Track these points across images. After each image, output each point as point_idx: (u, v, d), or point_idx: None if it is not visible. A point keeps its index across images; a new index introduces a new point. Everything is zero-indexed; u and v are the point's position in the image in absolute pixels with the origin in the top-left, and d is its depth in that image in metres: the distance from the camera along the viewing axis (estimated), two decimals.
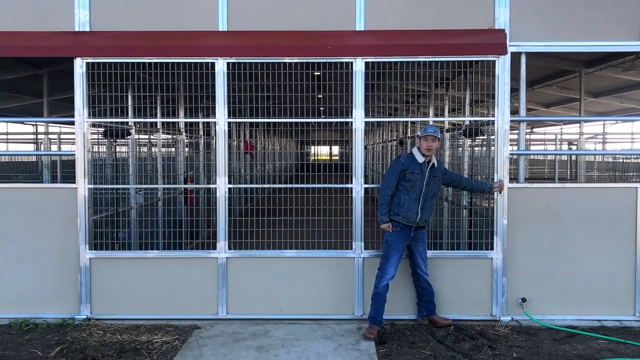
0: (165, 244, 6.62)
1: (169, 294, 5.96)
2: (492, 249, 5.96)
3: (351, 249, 6.00)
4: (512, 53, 5.87)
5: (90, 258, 5.94)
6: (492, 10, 5.88)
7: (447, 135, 8.45)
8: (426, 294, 5.76)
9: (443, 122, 8.61)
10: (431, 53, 5.94)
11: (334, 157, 47.55)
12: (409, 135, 12.86)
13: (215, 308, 5.96)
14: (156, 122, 8.77)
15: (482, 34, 5.90)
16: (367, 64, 5.87)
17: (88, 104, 5.91)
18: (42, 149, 12.27)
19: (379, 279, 5.55)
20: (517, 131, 6.39)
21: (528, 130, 18.24)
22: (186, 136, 9.96)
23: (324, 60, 5.95)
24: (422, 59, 5.93)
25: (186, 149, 9.85)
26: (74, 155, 5.97)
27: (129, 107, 7.38)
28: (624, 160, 13.09)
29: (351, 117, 5.94)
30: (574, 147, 14.25)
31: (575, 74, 10.23)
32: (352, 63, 5.87)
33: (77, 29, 5.91)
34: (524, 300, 5.90)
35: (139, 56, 5.85)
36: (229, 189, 6.02)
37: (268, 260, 6.01)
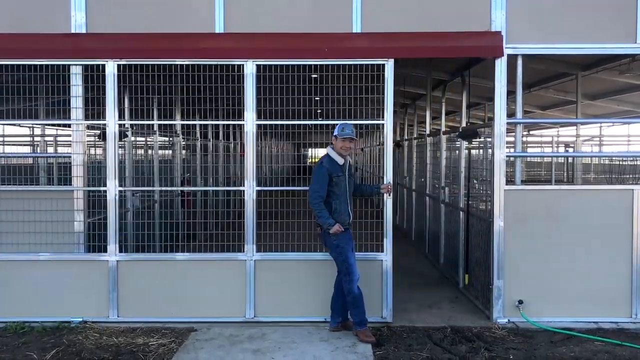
0: (163, 246, 6.61)
1: (53, 295, 5.94)
2: (381, 251, 5.95)
3: (243, 251, 5.99)
4: (508, 55, 5.88)
5: None
6: (489, 12, 5.89)
7: (443, 137, 8.46)
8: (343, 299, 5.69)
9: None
10: (429, 55, 5.94)
11: None
12: (406, 137, 12.88)
13: (106, 311, 5.96)
14: (154, 124, 8.75)
15: (479, 36, 5.91)
16: (258, 66, 5.88)
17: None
18: (38, 151, 12.22)
19: (349, 282, 5.40)
20: (514, 133, 6.40)
21: (525, 133, 18.28)
22: (183, 138, 9.95)
23: (210, 63, 5.92)
24: (313, 61, 5.90)
25: (183, 152, 9.84)
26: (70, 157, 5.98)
27: (126, 109, 7.36)
28: (621, 163, 13.14)
29: (242, 120, 5.94)
30: (570, 150, 14.29)
31: (572, 76, 10.24)
32: (243, 65, 5.87)
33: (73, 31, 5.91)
34: (520, 302, 5.90)
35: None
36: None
37: (159, 264, 6.00)
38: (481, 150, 7.10)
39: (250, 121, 5.92)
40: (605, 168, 13.96)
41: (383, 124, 5.90)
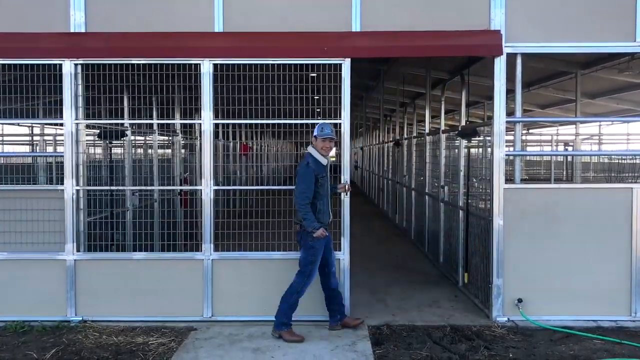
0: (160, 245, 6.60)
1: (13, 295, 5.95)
2: (339, 250, 5.96)
3: (201, 250, 5.98)
4: (507, 54, 5.87)
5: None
6: (488, 11, 5.88)
7: (442, 136, 8.47)
8: (338, 297, 5.71)
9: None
10: (429, 53, 5.93)
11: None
12: (405, 136, 12.88)
13: (65, 310, 5.94)
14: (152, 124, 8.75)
15: (478, 35, 5.90)
16: (215, 65, 5.87)
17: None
18: (37, 150, 12.22)
19: (303, 284, 5.43)
20: (513, 132, 6.40)
21: (524, 131, 18.29)
22: (182, 137, 9.95)
23: (168, 62, 5.91)
24: (269, 61, 5.89)
25: (182, 151, 9.83)
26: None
27: (125, 108, 7.36)
28: (620, 161, 13.13)
29: (200, 119, 5.94)
30: (570, 148, 14.29)
31: (571, 75, 10.26)
32: (200, 65, 5.86)
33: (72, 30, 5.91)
34: (520, 300, 5.90)
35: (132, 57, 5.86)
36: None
37: (117, 263, 5.99)
38: (480, 149, 7.10)
39: (207, 120, 5.91)
40: (605, 167, 13.96)
41: (341, 123, 5.89)
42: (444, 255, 8.50)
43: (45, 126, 12.46)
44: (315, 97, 5.93)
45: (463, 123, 7.86)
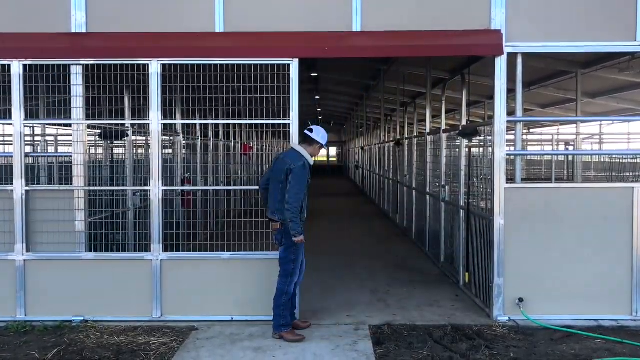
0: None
1: None
2: None
3: (149, 251, 5.98)
4: (508, 54, 5.88)
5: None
6: (488, 11, 5.89)
7: (443, 136, 8.47)
8: (293, 300, 5.69)
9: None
10: (429, 53, 5.93)
11: (331, 159, 47.79)
12: (406, 136, 12.88)
13: (14, 310, 5.95)
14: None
15: (478, 34, 5.91)
16: (163, 66, 5.87)
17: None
18: (38, 150, 12.22)
19: (289, 284, 5.43)
20: (514, 132, 6.41)
21: (525, 131, 18.29)
22: (183, 138, 9.95)
23: (115, 62, 5.87)
24: (217, 61, 5.88)
25: (183, 151, 9.84)
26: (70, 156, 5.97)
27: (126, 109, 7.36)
28: (621, 161, 13.14)
29: (148, 120, 5.94)
30: (570, 148, 14.29)
31: (571, 74, 10.26)
32: (147, 65, 5.86)
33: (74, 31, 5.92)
34: (521, 300, 5.91)
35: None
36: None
37: (66, 263, 5.97)
38: (481, 149, 7.11)
39: (155, 120, 5.89)
40: (606, 166, 13.96)
41: (289, 124, 5.89)
42: (444, 254, 8.51)
43: (46, 126, 12.43)
44: (257, 97, 5.89)
45: (464, 122, 7.86)
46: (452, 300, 6.77)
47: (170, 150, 9.65)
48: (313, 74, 16.89)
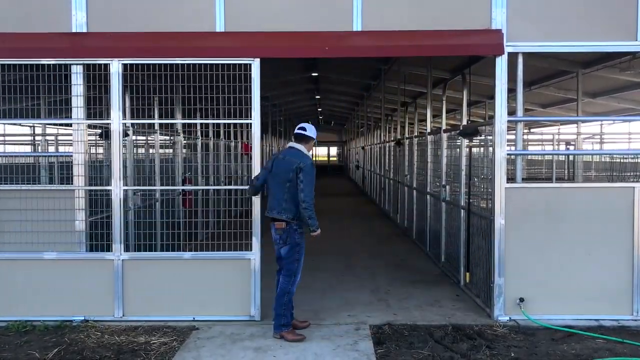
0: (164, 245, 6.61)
1: None
2: (250, 249, 5.94)
3: (111, 250, 5.97)
4: (509, 53, 5.87)
5: None
6: (489, 10, 5.88)
7: (444, 135, 8.47)
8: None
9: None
10: (430, 53, 5.93)
11: (331, 159, 47.78)
12: (406, 135, 12.88)
13: None
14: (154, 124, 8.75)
15: (479, 34, 5.90)
16: (125, 65, 5.86)
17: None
18: (39, 150, 12.24)
19: (293, 283, 5.43)
20: (514, 131, 6.40)
21: (526, 131, 18.28)
22: (184, 137, 9.95)
23: (75, 62, 5.86)
24: (178, 61, 5.86)
25: (184, 150, 9.84)
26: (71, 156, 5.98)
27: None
28: (621, 160, 13.12)
29: (109, 119, 5.93)
30: (571, 147, 14.28)
31: (572, 74, 10.26)
32: (109, 65, 5.85)
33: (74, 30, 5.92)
34: (521, 300, 5.90)
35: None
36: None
37: (27, 263, 5.94)
38: (482, 148, 7.10)
39: (116, 120, 5.89)
40: (606, 166, 13.95)
41: (251, 123, 5.89)
42: (445, 254, 8.51)
43: (47, 126, 12.44)
44: (218, 97, 5.88)
45: (464, 122, 7.86)
46: (452, 300, 6.76)
47: (167, 150, 9.66)
48: (313, 74, 16.90)
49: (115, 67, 5.84)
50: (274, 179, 5.47)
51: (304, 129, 5.56)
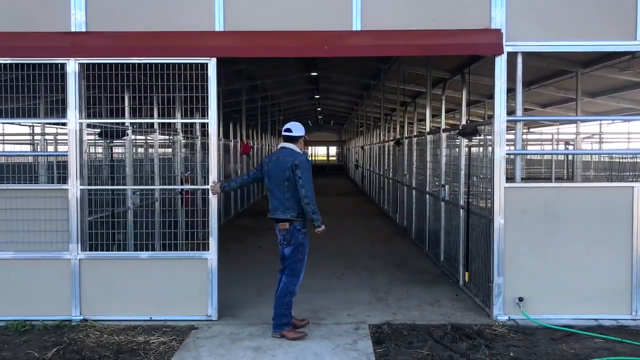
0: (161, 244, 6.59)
1: None
2: (207, 249, 5.95)
3: (68, 250, 5.95)
4: (508, 53, 5.87)
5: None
6: (488, 10, 5.87)
7: (443, 135, 8.47)
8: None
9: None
10: (429, 52, 5.92)
11: (331, 158, 47.80)
12: (406, 135, 12.88)
13: None
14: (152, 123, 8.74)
15: (478, 34, 5.90)
16: (81, 65, 5.85)
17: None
18: (38, 149, 12.23)
19: (295, 284, 5.46)
20: (514, 131, 6.41)
21: (525, 130, 18.29)
22: (183, 137, 9.94)
23: (32, 62, 5.85)
24: (135, 60, 5.85)
25: (183, 150, 9.83)
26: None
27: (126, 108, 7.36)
28: (621, 160, 13.12)
29: (65, 118, 5.90)
30: (570, 147, 14.29)
31: (572, 74, 10.26)
32: (65, 64, 5.84)
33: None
34: (521, 299, 5.90)
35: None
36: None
37: None
38: (481, 148, 7.10)
39: (73, 120, 5.87)
40: (605, 165, 13.95)
41: (208, 123, 5.90)
42: (444, 254, 8.51)
43: (46, 125, 12.44)
44: (173, 96, 5.88)
45: (464, 122, 7.86)
46: (452, 299, 6.77)
47: (165, 150, 9.64)
48: (313, 74, 16.90)
49: (72, 66, 5.82)
50: (272, 181, 5.47)
51: (289, 130, 5.57)
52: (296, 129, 5.57)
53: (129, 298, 5.92)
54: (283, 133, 5.59)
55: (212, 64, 5.82)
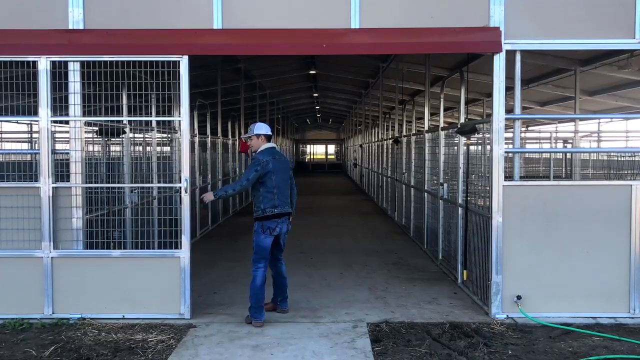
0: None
1: None
2: (180, 247, 5.94)
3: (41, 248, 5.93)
4: (507, 51, 5.86)
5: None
6: (487, 8, 5.87)
7: (442, 133, 8.47)
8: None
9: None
10: (428, 50, 5.91)
11: (329, 157, 47.78)
12: (404, 133, 12.87)
13: None
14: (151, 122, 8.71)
15: (477, 32, 5.90)
16: (53, 63, 5.82)
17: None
18: (36, 147, 12.20)
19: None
20: (512, 129, 6.40)
21: (523, 129, 18.31)
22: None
23: (10, 59, 5.84)
24: (106, 58, 5.82)
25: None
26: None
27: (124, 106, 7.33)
28: (619, 158, 13.14)
29: (37, 117, 5.89)
30: (569, 145, 14.29)
31: (570, 72, 10.27)
32: (37, 62, 5.81)
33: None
34: (519, 297, 5.91)
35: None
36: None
37: None
38: (480, 146, 7.10)
39: (44, 118, 5.86)
40: (604, 164, 13.97)
41: (180, 121, 5.90)
42: (443, 252, 8.51)
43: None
44: (141, 94, 5.89)
45: (462, 120, 7.85)
46: (450, 297, 6.77)
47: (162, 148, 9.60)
48: (312, 72, 16.89)
49: (44, 64, 5.80)
50: (280, 178, 5.81)
51: (269, 129, 5.99)
52: (259, 128, 5.92)
53: (102, 296, 5.90)
54: (267, 133, 5.91)
55: (184, 62, 5.81)
